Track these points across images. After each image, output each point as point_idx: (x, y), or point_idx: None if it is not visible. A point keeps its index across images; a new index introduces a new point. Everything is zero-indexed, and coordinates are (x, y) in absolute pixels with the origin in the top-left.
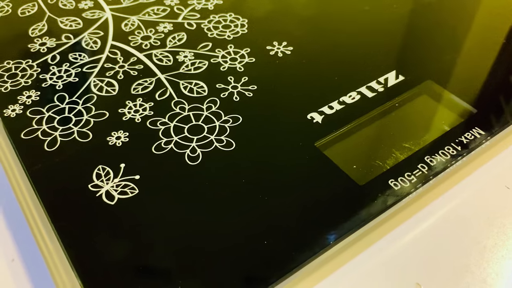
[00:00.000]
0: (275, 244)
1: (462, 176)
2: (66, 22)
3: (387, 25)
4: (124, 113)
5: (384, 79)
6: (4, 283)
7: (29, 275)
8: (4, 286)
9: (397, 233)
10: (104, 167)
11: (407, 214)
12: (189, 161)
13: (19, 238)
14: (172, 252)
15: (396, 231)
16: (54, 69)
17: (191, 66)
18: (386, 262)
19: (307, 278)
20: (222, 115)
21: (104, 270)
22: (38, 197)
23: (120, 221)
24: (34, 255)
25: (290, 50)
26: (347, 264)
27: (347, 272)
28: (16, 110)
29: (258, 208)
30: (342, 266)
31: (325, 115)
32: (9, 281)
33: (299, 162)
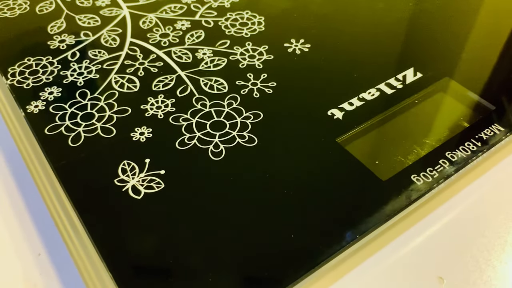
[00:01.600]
0: (301, 239)
1: (483, 171)
2: (84, 20)
3: (402, 23)
4: (146, 109)
5: (402, 76)
6: (31, 277)
7: (55, 268)
8: (31, 280)
9: (419, 228)
10: (130, 162)
11: (429, 209)
12: (213, 156)
13: (44, 233)
14: (200, 246)
15: (417, 226)
16: (74, 65)
17: (210, 63)
18: (409, 256)
19: (332, 272)
20: (243, 111)
21: (134, 263)
22: (65, 192)
23: (148, 215)
24: (60, 249)
25: (308, 47)
26: (371, 258)
27: (371, 266)
28: (38, 106)
29: (283, 203)
30: (365, 260)
31: (345, 111)
32: (36, 275)
33: (321, 157)
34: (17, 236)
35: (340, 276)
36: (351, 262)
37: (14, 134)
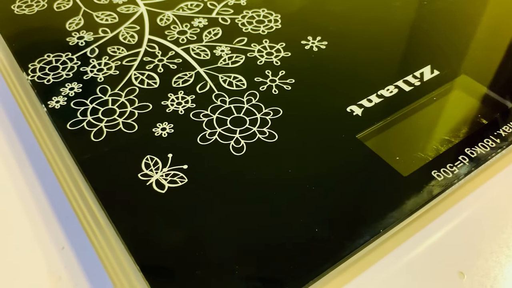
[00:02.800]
0: (325, 233)
1: (502, 167)
2: (102, 17)
3: (418, 20)
4: (167, 105)
5: (419, 73)
6: (56, 270)
7: (79, 261)
8: (56, 273)
9: (439, 224)
10: (152, 157)
11: (449, 204)
12: (234, 151)
13: (67, 227)
14: (225, 239)
15: (438, 221)
16: (94, 62)
17: (228, 60)
18: (429, 251)
19: (354, 266)
20: (263, 107)
21: (161, 256)
22: (89, 186)
23: (173, 208)
24: (83, 242)
25: (325, 44)
26: (392, 252)
27: (392, 261)
28: (60, 101)
29: (306, 198)
30: (387, 254)
31: (364, 108)
32: (60, 268)
33: (342, 153)
34: (40, 231)
35: (362, 270)
36: (373, 256)
37: (34, 129)
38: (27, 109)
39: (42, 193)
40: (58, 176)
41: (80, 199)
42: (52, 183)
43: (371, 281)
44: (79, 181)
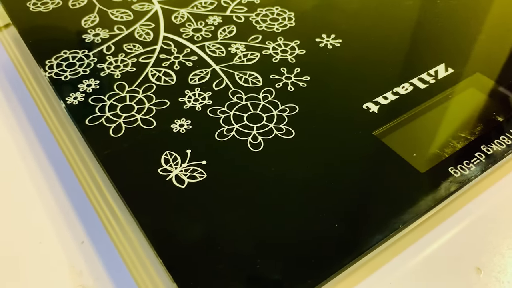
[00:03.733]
0: (345, 228)
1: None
2: (117, 14)
3: (432, 19)
4: (184, 102)
5: (434, 71)
6: (76, 264)
7: (99, 255)
8: (77, 267)
9: (456, 219)
10: (171, 153)
11: (465, 200)
12: (252, 148)
13: (86, 222)
14: (245, 234)
15: (455, 217)
16: (110, 59)
17: (244, 58)
18: (446, 247)
19: (373, 261)
20: (279, 104)
21: (183, 249)
22: (111, 181)
23: (193, 203)
24: (102, 237)
25: (339, 42)
26: (409, 248)
27: (410, 256)
28: (78, 97)
29: (325, 194)
30: (404, 250)
31: (380, 105)
32: (81, 262)
33: (359, 150)
34: (60, 226)
35: (380, 265)
36: (391, 252)
37: (50, 125)
38: (43, 106)
39: (61, 188)
40: (76, 171)
41: (98, 193)
42: (70, 178)
43: (389, 276)
44: (96, 176)
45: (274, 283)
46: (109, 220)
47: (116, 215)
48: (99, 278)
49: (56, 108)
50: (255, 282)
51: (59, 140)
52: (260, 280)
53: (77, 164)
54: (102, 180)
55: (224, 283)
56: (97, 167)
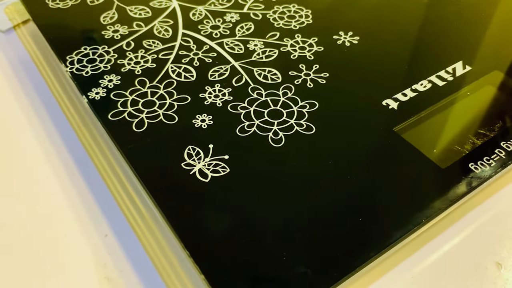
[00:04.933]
0: (369, 222)
1: None
2: (135, 11)
3: (449, 16)
4: (205, 98)
5: (452, 69)
6: (101, 257)
7: (122, 248)
8: (101, 260)
9: (476, 214)
10: (194, 147)
11: (484, 196)
12: (273, 143)
13: (108, 215)
14: (270, 227)
15: (475, 212)
16: (130, 55)
17: (262, 54)
18: (467, 242)
19: (395, 255)
20: (299, 100)
21: (210, 241)
22: (135, 174)
23: (217, 196)
24: (125, 229)
25: (357, 39)
26: (430, 243)
27: (430, 251)
28: (100, 93)
29: (349, 189)
30: (425, 245)
31: (399, 101)
32: (104, 254)
33: (380, 145)
34: (83, 219)
35: (403, 259)
36: (412, 246)
37: (71, 120)
38: (63, 100)
39: (83, 183)
40: (98, 166)
41: (120, 187)
42: (92, 173)
43: (411, 271)
44: (118, 170)
45: (300, 275)
46: (131, 213)
47: (138, 208)
48: (124, 271)
49: (76, 102)
50: (280, 274)
51: (79, 134)
52: (286, 272)
53: (98, 159)
54: (124, 174)
55: (250, 275)
56: (118, 161)
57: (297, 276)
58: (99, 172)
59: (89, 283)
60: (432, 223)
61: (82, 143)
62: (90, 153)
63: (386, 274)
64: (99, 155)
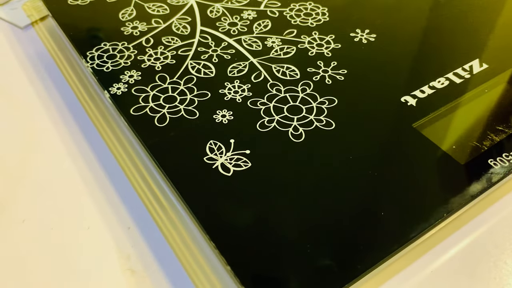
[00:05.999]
0: (392, 216)
1: None
2: (153, 8)
3: (465, 15)
4: (225, 94)
5: (469, 66)
6: (124, 249)
7: (145, 241)
8: (124, 252)
9: (495, 210)
10: (216, 142)
11: (505, 191)
12: (293, 138)
13: (131, 209)
14: (294, 221)
15: (494, 208)
16: (150, 51)
17: (280, 51)
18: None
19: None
20: (318, 97)
21: (235, 233)
22: (158, 168)
23: (241, 190)
24: (147, 222)
25: (374, 37)
26: (449, 237)
27: (450, 245)
28: (121, 88)
29: (370, 183)
30: (444, 240)
31: (418, 98)
32: (128, 247)
33: (399, 141)
34: (106, 212)
35: (422, 254)
36: (432, 241)
37: (90, 114)
38: (82, 95)
39: (104, 175)
40: (119, 159)
41: (141, 180)
42: (113, 166)
43: (430, 265)
44: (139, 164)
45: (324, 268)
46: (153, 206)
47: (160, 201)
48: (147, 262)
49: (95, 97)
50: (305, 266)
51: (99, 129)
52: (310, 264)
53: (119, 152)
54: (145, 167)
55: (275, 266)
56: (139, 155)
57: (322, 269)
58: (120, 165)
59: (113, 275)
60: (453, 218)
61: (103, 137)
62: (110, 147)
63: (406, 268)
64: (119, 149)
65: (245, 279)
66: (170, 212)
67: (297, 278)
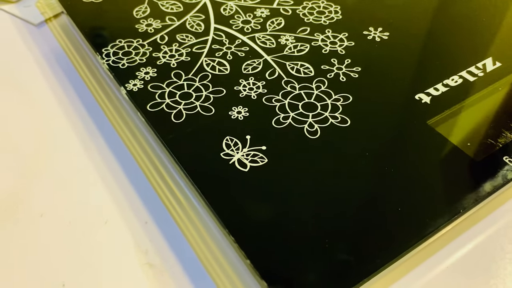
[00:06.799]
0: (408, 212)
1: None
2: (167, 5)
3: (478, 12)
4: (239, 91)
5: (482, 64)
6: (142, 243)
7: (163, 235)
8: (142, 246)
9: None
10: (232, 138)
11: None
12: (309, 135)
13: (148, 204)
14: (313, 215)
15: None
16: (165, 48)
17: (294, 49)
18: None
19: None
20: (332, 94)
21: (253, 228)
22: (175, 163)
23: (258, 185)
24: (164, 217)
25: (387, 35)
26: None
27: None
28: (137, 84)
29: (386, 179)
30: (460, 235)
31: (432, 96)
32: (146, 241)
33: (414, 137)
34: (123, 207)
35: (439, 249)
36: (447, 237)
37: (106, 111)
38: (97, 92)
39: (121, 171)
40: (134, 155)
41: (157, 176)
42: (129, 162)
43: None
44: (154, 159)
45: (343, 262)
46: (169, 200)
47: (175, 196)
48: (164, 256)
49: (109, 93)
50: (323, 261)
51: (115, 124)
52: (329, 259)
53: (134, 148)
54: (160, 163)
55: (294, 260)
56: (154, 151)
57: (340, 263)
58: (136, 160)
59: (131, 269)
60: (468, 214)
61: (118, 133)
62: (126, 143)
63: (423, 262)
64: (135, 144)
65: (265, 273)
66: (186, 207)
67: (316, 272)
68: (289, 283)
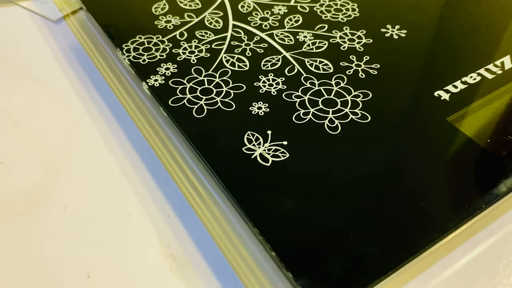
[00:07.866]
0: (431, 206)
1: None
2: (185, 2)
3: (495, 10)
4: (259, 86)
5: (500, 62)
6: (165, 236)
7: (185, 228)
8: (165, 239)
9: None
10: (253, 133)
11: None
12: (330, 130)
13: (170, 198)
14: (337, 209)
15: None
16: (184, 44)
17: (312, 46)
18: None
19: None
20: (352, 90)
21: (277, 221)
22: (198, 156)
23: (280, 179)
24: (186, 210)
25: (404, 33)
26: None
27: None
28: (158, 80)
29: (407, 174)
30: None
31: (451, 93)
32: (169, 234)
33: (434, 134)
34: (146, 201)
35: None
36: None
37: (125, 106)
38: (117, 87)
39: (142, 165)
40: (156, 150)
41: (178, 170)
42: (150, 156)
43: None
44: (175, 153)
45: (366, 255)
46: (191, 194)
47: (197, 189)
48: (188, 249)
49: (129, 89)
50: (348, 254)
51: (135, 119)
52: (353, 252)
53: (155, 142)
54: (181, 157)
55: (318, 254)
56: (175, 145)
57: (364, 256)
58: (157, 155)
59: (155, 261)
60: (489, 210)
61: (139, 128)
62: (147, 137)
63: (444, 257)
64: (155, 139)
65: (291, 265)
66: (207, 200)
67: (340, 264)
68: (314, 275)
